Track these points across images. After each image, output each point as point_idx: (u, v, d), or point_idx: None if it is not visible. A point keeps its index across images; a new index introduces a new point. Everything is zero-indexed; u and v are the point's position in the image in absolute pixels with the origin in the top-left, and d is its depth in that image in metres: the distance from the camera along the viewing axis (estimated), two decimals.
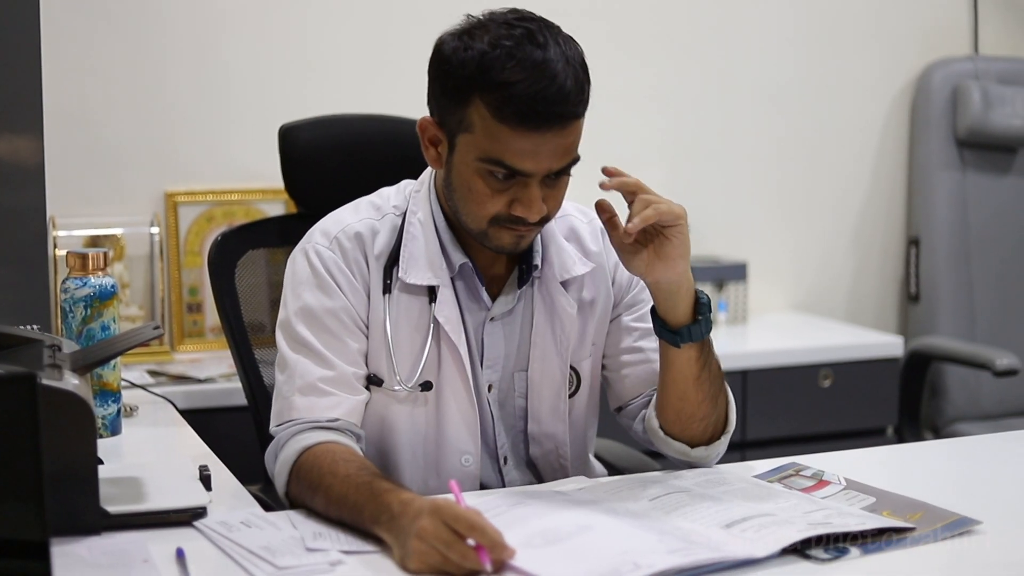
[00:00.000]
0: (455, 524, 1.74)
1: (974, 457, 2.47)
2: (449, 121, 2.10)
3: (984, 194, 4.27)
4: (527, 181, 2.07)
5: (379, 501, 1.87)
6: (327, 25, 3.71)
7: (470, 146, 2.08)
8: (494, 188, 2.08)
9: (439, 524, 1.75)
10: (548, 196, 2.10)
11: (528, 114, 2.01)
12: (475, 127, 2.06)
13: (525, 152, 2.04)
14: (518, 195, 2.08)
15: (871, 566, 1.81)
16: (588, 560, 1.73)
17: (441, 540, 1.74)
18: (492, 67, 2.02)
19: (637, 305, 2.36)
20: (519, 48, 2.02)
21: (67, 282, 2.49)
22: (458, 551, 1.73)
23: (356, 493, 1.92)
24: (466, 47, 2.05)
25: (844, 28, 4.30)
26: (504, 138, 2.03)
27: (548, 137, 2.03)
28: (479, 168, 2.07)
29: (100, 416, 2.50)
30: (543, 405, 2.29)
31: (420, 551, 1.75)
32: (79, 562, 1.77)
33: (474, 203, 2.11)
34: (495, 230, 2.12)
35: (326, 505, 1.97)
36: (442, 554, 1.73)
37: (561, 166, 2.08)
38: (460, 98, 2.06)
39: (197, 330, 3.57)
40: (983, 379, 4.07)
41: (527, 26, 2.05)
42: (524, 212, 2.08)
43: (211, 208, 3.59)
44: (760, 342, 3.95)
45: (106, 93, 3.53)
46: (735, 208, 4.22)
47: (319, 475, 2.01)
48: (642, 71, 4.06)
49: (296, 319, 2.18)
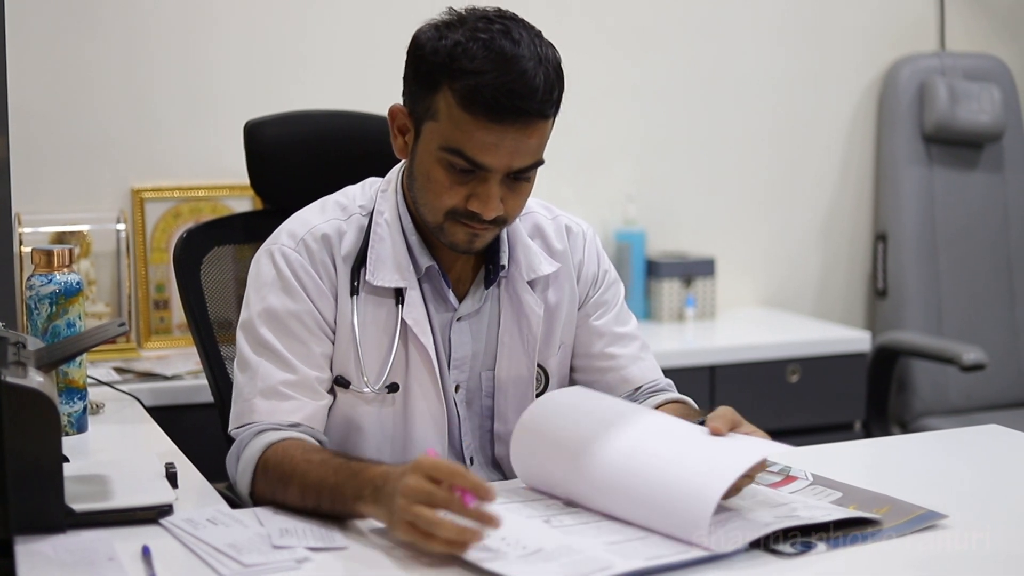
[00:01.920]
0: (435, 473, 1.78)
1: (941, 451, 2.48)
2: (418, 108, 2.10)
3: (951, 189, 4.29)
4: (486, 176, 2.07)
5: (360, 478, 1.88)
6: (295, 21, 3.70)
7: (434, 134, 2.08)
8: (453, 180, 2.08)
9: (420, 478, 1.78)
10: (508, 197, 2.10)
11: (492, 105, 2.01)
12: (440, 115, 2.06)
13: (486, 145, 2.04)
14: (476, 190, 2.08)
15: (838, 560, 1.81)
16: (558, 560, 1.74)
17: (424, 492, 1.76)
18: (464, 56, 2.03)
19: (604, 306, 2.36)
20: (493, 41, 2.03)
21: (32, 279, 2.47)
22: (441, 498, 1.76)
23: (335, 475, 1.92)
24: (441, 36, 2.06)
25: (812, 24, 4.31)
26: (467, 128, 2.03)
27: (511, 133, 2.03)
28: (440, 157, 2.08)
29: (66, 413, 2.48)
30: (510, 404, 2.29)
31: (404, 508, 1.76)
32: (44, 560, 1.76)
33: (432, 193, 2.11)
34: (451, 224, 2.12)
35: (301, 493, 1.96)
36: (427, 505, 1.75)
37: (522, 166, 2.08)
38: (429, 84, 2.07)
39: (164, 327, 3.55)
40: (950, 374, 4.09)
41: (505, 23, 2.07)
42: (480, 208, 2.08)
43: (178, 204, 3.57)
44: (728, 337, 3.96)
45: (72, 89, 3.51)
46: (703, 203, 4.23)
47: (291, 465, 2.00)
48: (611, 65, 4.06)
49: (259, 321, 2.17)
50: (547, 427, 2.03)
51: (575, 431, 1.99)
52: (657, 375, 2.38)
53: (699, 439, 1.96)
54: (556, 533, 1.84)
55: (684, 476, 1.86)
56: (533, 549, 1.77)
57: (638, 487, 1.88)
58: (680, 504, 1.82)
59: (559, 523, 1.88)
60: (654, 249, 4.11)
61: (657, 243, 4.13)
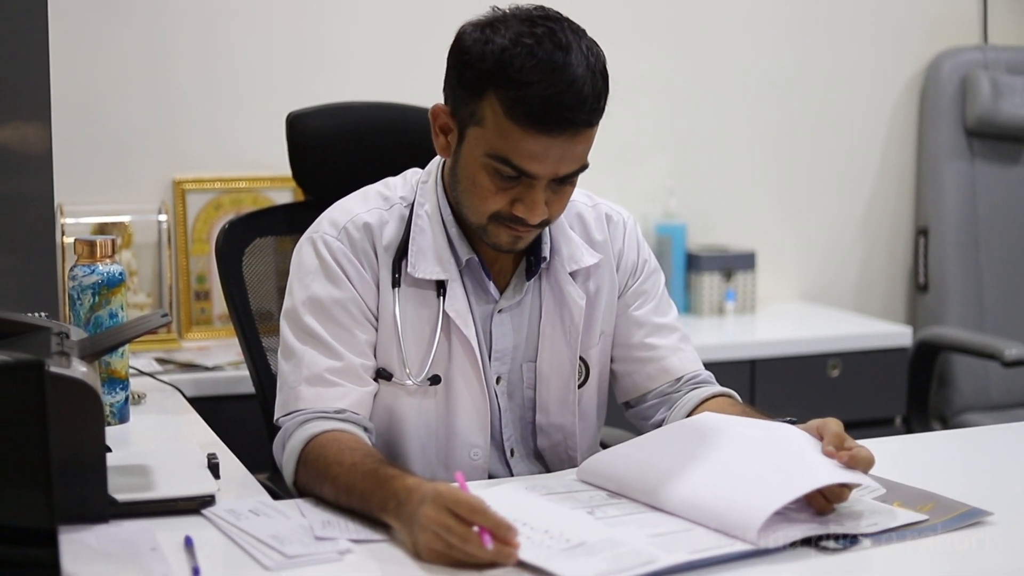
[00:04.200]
0: (456, 508, 1.74)
1: (983, 448, 2.47)
2: (462, 112, 2.09)
3: (993, 184, 4.26)
4: (532, 183, 2.06)
5: (386, 488, 1.86)
6: (335, 13, 3.70)
7: (479, 140, 2.06)
8: (498, 185, 2.07)
9: (440, 510, 1.74)
10: (552, 200, 2.10)
11: (540, 116, 1.99)
12: (486, 122, 2.04)
13: (533, 154, 2.02)
14: (521, 196, 2.07)
15: (882, 556, 1.80)
16: (601, 554, 1.73)
17: (443, 526, 1.73)
18: (510, 64, 2.00)
19: (644, 295, 2.36)
20: (540, 47, 2.00)
21: (75, 269, 2.48)
22: (459, 535, 1.72)
23: (363, 481, 1.91)
24: (487, 40, 2.03)
25: (853, 17, 4.29)
26: (514, 137, 2.02)
27: (558, 142, 2.02)
28: (486, 163, 2.06)
29: (108, 404, 2.49)
30: (552, 396, 2.28)
31: (426, 540, 1.74)
32: (87, 550, 1.77)
33: (476, 197, 2.10)
34: (494, 227, 2.11)
35: (334, 494, 1.97)
36: (445, 540, 1.73)
37: (568, 172, 2.07)
38: (475, 90, 2.05)
39: (204, 318, 3.57)
40: (991, 369, 4.07)
41: (550, 25, 2.03)
42: (525, 213, 2.07)
43: (219, 196, 3.58)
44: (768, 332, 3.94)
45: (114, 80, 3.52)
46: (744, 197, 4.22)
47: (325, 464, 2.00)
48: (651, 58, 4.05)
49: (303, 309, 2.17)
50: (650, 443, 2.06)
51: (672, 445, 2.01)
52: (698, 367, 2.36)
53: (790, 449, 1.96)
54: (600, 525, 1.83)
55: (751, 482, 1.86)
56: (576, 542, 1.76)
57: (704, 485, 1.88)
58: (738, 504, 1.82)
59: (603, 514, 1.88)
60: (694, 243, 4.10)
61: (697, 236, 4.12)
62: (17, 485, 1.62)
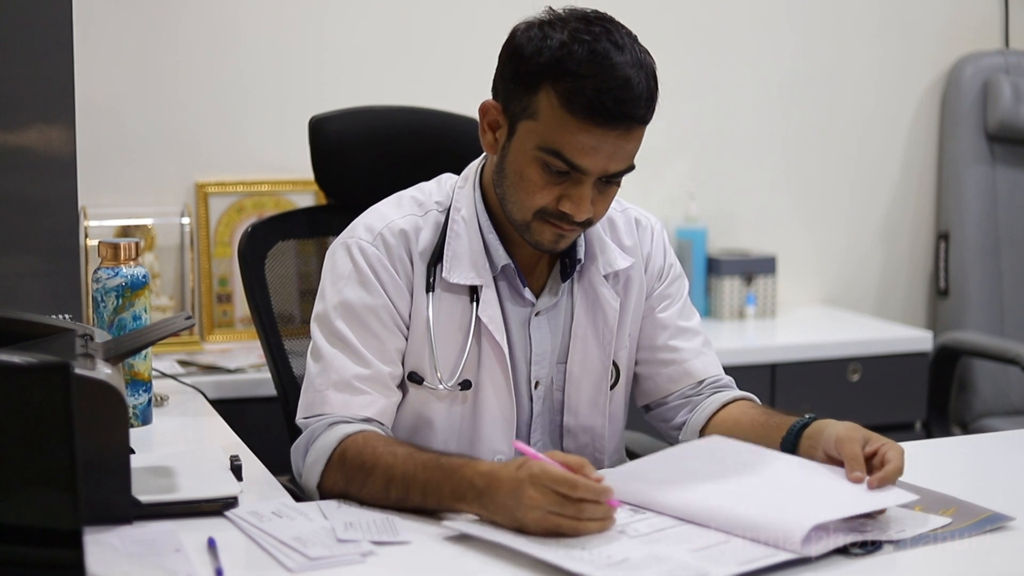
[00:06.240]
0: (557, 487, 1.81)
1: (1004, 453, 2.46)
2: (514, 106, 2.10)
3: (1014, 188, 4.26)
4: (580, 179, 2.07)
5: (457, 477, 1.91)
6: (355, 16, 3.71)
7: (531, 133, 2.08)
8: (547, 180, 2.08)
9: (545, 491, 1.81)
10: (597, 200, 2.11)
11: (597, 108, 2.01)
12: (540, 115, 2.06)
13: (586, 147, 2.04)
14: (569, 192, 2.08)
15: (906, 561, 1.81)
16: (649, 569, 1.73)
17: (555, 503, 1.81)
18: (570, 57, 2.03)
19: (669, 299, 2.36)
20: (597, 43, 2.04)
21: (99, 272, 2.50)
22: (571, 512, 1.81)
23: (425, 471, 1.94)
24: (545, 36, 2.06)
25: (874, 21, 4.29)
26: (569, 129, 2.03)
27: (611, 137, 2.03)
28: (537, 156, 2.07)
29: (131, 406, 2.50)
30: (582, 398, 2.29)
31: (535, 519, 1.81)
32: (111, 551, 1.78)
33: (523, 192, 2.11)
34: (538, 224, 2.12)
35: (385, 485, 1.97)
36: (557, 519, 1.80)
37: (617, 170, 2.08)
38: (531, 84, 2.07)
39: (227, 320, 3.58)
40: (1012, 374, 4.06)
41: (606, 25, 2.08)
42: (572, 210, 2.08)
43: (241, 199, 3.59)
44: (789, 336, 3.94)
45: (138, 84, 3.54)
46: (765, 201, 4.22)
47: (374, 456, 2.00)
48: (672, 62, 4.03)
49: (335, 313, 2.17)
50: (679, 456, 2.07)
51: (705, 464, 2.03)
52: (719, 371, 2.37)
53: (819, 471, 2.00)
54: (636, 543, 1.82)
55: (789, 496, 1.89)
56: (619, 559, 1.76)
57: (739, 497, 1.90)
58: (780, 517, 1.82)
59: (635, 532, 1.86)
60: (715, 247, 4.10)
61: (718, 241, 4.12)
62: (43, 486, 1.63)
